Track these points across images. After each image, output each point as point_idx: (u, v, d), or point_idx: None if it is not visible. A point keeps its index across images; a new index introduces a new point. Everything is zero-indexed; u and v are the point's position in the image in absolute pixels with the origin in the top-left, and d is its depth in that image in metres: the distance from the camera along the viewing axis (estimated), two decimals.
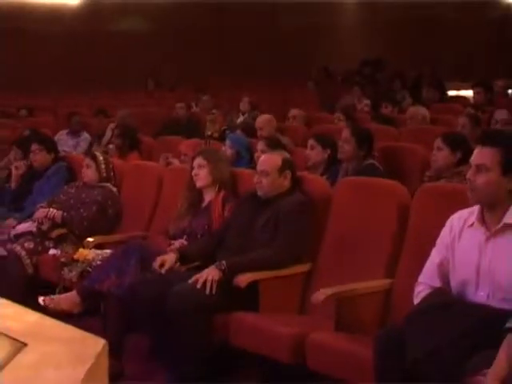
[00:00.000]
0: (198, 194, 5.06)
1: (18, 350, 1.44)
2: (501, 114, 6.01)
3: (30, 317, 1.67)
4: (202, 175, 5.01)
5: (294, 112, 8.78)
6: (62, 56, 16.87)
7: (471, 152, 3.39)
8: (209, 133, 8.50)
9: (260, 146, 5.92)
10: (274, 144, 5.67)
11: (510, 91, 11.49)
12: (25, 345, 1.46)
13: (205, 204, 5.03)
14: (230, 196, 4.97)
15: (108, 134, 8.68)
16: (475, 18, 17.24)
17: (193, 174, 5.06)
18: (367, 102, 9.99)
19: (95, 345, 1.48)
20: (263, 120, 7.40)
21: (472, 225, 3.33)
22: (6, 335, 1.51)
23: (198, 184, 5.03)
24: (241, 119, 9.76)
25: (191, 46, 17.06)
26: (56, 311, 4.63)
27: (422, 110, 8.10)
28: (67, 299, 4.84)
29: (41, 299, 4.81)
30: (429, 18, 17.09)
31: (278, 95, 12.90)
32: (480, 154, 3.25)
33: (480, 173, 3.21)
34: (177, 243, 4.85)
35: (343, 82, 14.67)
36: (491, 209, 3.26)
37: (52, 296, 4.87)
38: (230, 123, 9.08)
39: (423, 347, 3.00)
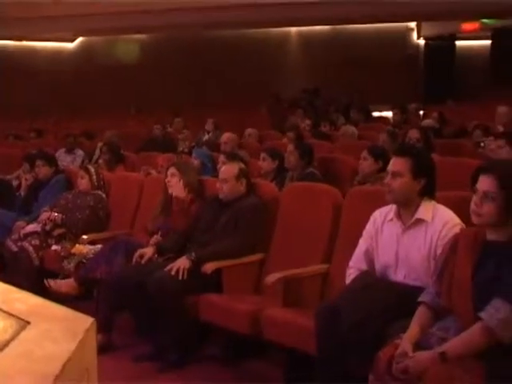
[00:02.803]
0: (171, 198, 5.01)
1: (23, 327, 1.43)
2: (413, 133, 6.05)
3: (33, 300, 1.66)
4: (173, 182, 4.99)
5: (249, 131, 8.79)
6: (61, 88, 16.77)
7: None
8: (180, 149, 8.45)
9: (221, 158, 5.91)
10: (232, 157, 5.66)
11: (421, 112, 11.63)
12: (28, 323, 1.45)
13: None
14: (197, 199, 4.95)
15: (97, 151, 8.63)
16: (393, 56, 17.44)
17: (166, 181, 5.03)
18: (308, 122, 9.99)
19: (85, 322, 1.47)
20: (227, 136, 7.40)
21: (391, 220, 3.36)
22: (13, 315, 1.50)
23: (170, 190, 5.00)
24: (206, 137, 9.74)
25: (166, 79, 17.03)
26: (57, 294, 4.61)
27: (352, 128, 8.17)
28: (67, 284, 4.83)
29: (46, 281, 4.81)
30: (357, 56, 17.24)
31: (236, 117, 12.87)
32: (395, 163, 3.28)
33: (395, 178, 3.24)
34: (153, 239, 4.83)
35: (289, 106, 14.69)
36: (405, 207, 3.29)
37: (55, 280, 4.87)
38: (197, 140, 9.06)
39: (353, 318, 3.02)
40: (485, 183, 2.64)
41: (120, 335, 4.62)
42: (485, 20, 16.80)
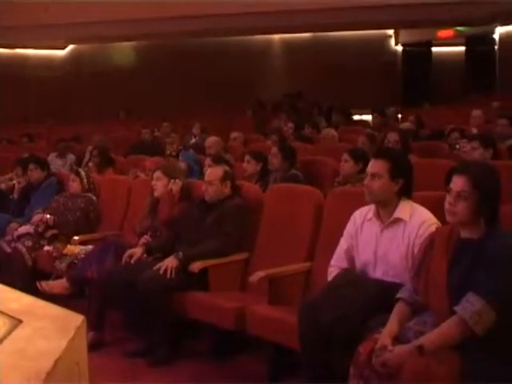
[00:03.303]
0: (158, 200, 4.98)
1: (15, 325, 1.43)
2: (392, 136, 6.06)
3: (26, 299, 1.65)
4: (158, 185, 4.98)
5: (234, 134, 8.78)
6: (53, 94, 16.72)
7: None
8: (168, 152, 8.42)
9: (207, 161, 5.90)
10: (218, 160, 5.65)
11: (399, 116, 11.67)
12: (20, 321, 1.45)
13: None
14: (184, 200, 4.94)
15: (87, 155, 8.60)
16: (372, 62, 17.52)
17: (152, 184, 5.01)
18: (291, 125, 9.97)
19: (76, 320, 1.47)
20: (212, 141, 7.38)
21: (370, 219, 3.37)
22: (6, 314, 1.50)
23: (156, 193, 4.98)
24: (193, 141, 9.72)
25: (155, 85, 17.01)
26: (50, 294, 4.59)
27: (333, 131, 8.17)
28: (59, 285, 4.80)
29: (38, 284, 4.78)
30: (338, 62, 17.32)
31: (222, 121, 12.86)
32: (374, 165, 3.29)
33: (374, 179, 3.25)
34: (142, 239, 4.81)
35: (272, 110, 14.68)
36: (384, 206, 3.30)
37: (47, 282, 4.84)
38: (184, 144, 9.05)
39: (334, 314, 3.02)
40: (458, 183, 2.67)
41: (110, 332, 4.61)
42: (459, 28, 16.95)
